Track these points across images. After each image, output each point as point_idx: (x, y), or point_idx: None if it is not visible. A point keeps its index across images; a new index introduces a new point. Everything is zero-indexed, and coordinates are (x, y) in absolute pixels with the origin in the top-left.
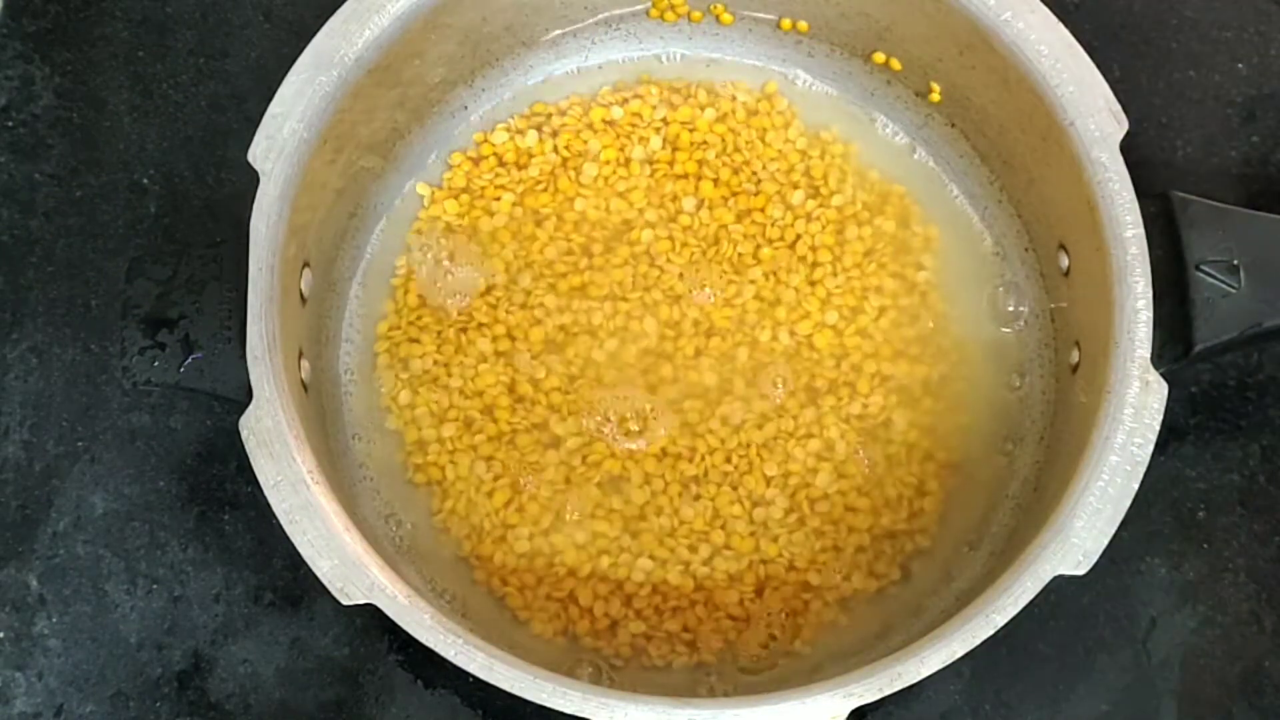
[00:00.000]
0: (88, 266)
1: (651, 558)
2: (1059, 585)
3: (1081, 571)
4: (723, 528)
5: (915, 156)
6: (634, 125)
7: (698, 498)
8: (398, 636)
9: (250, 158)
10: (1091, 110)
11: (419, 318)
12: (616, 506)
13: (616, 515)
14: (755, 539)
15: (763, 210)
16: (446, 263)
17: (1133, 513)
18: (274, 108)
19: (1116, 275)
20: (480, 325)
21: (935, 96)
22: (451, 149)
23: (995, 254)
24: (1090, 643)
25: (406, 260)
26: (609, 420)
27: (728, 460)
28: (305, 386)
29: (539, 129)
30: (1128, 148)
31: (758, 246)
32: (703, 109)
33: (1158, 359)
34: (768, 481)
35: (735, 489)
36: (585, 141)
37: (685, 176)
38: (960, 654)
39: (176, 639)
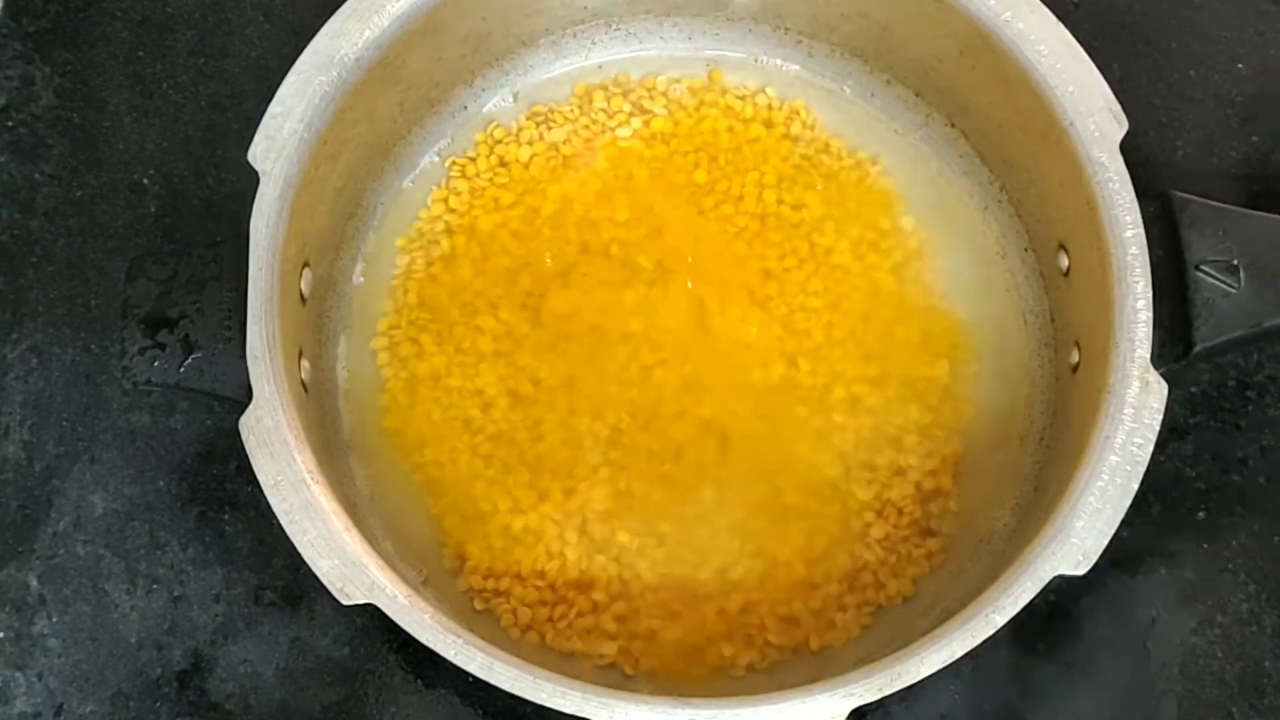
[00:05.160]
0: (88, 266)
1: (654, 559)
2: (1059, 585)
3: (1081, 571)
4: (729, 530)
5: (915, 156)
6: (634, 125)
7: (702, 498)
8: (398, 636)
9: (250, 158)
10: (1091, 110)
11: (418, 317)
12: (618, 507)
13: (618, 516)
14: (762, 541)
15: (765, 210)
16: (446, 262)
17: (1133, 513)
18: (274, 108)
19: (1116, 275)
20: (480, 325)
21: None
22: (451, 149)
23: (995, 254)
24: (1090, 643)
25: (406, 260)
26: (610, 420)
27: (731, 461)
28: (305, 386)
29: (539, 129)
30: (1128, 148)
31: (759, 244)
32: (703, 108)
33: (1158, 359)
34: (771, 482)
35: (740, 491)
36: (585, 141)
37: (686, 176)
38: (960, 654)
39: (176, 639)
